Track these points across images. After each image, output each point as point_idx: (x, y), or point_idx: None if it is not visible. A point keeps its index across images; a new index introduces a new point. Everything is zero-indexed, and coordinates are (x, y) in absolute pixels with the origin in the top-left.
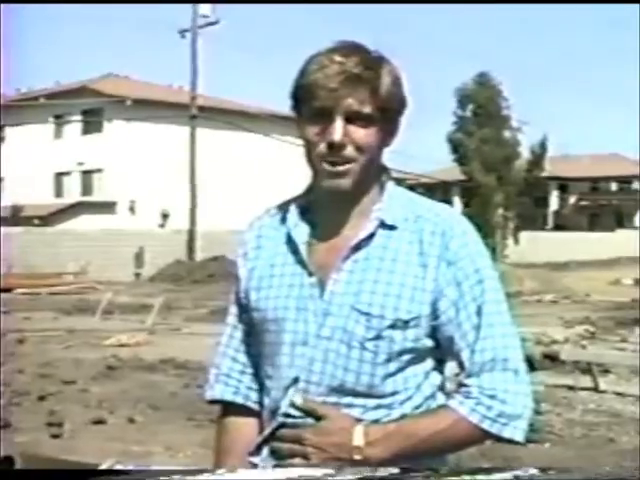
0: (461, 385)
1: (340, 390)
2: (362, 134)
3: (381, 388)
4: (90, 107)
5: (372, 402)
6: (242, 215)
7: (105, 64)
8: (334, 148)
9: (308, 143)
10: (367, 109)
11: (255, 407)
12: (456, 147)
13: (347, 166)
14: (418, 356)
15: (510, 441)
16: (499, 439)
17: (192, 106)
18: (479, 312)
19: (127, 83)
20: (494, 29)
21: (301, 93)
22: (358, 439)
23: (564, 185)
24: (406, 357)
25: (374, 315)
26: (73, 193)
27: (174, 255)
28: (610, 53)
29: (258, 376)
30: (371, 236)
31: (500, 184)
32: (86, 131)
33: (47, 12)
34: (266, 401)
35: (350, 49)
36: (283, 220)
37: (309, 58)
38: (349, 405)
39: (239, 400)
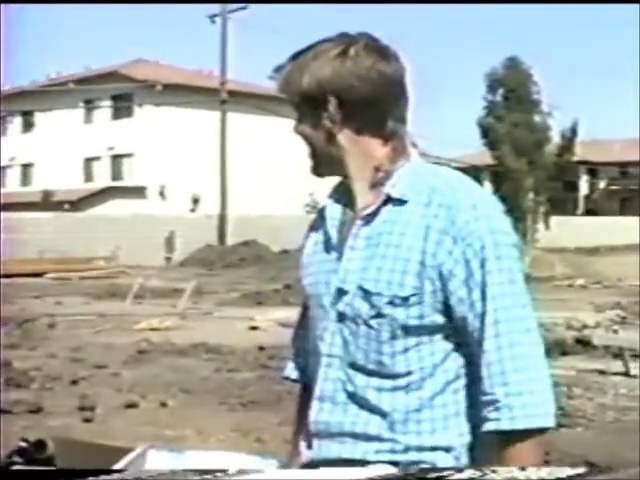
0: (479, 391)
1: (354, 367)
2: (304, 128)
3: (391, 367)
4: (120, 92)
5: (387, 383)
6: (273, 200)
7: (135, 49)
8: None
9: None
10: (296, 98)
11: None
12: (486, 132)
13: (310, 153)
14: (430, 334)
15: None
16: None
17: (222, 91)
18: (484, 292)
19: (157, 68)
20: (524, 13)
21: None
22: None
23: (594, 170)
24: (413, 335)
25: (373, 292)
26: (103, 178)
27: (205, 240)
28: None
29: None
30: (377, 211)
31: (531, 169)
32: (116, 116)
33: None
34: (311, 377)
35: (320, 42)
36: (327, 200)
37: None
38: (365, 386)
39: (305, 379)
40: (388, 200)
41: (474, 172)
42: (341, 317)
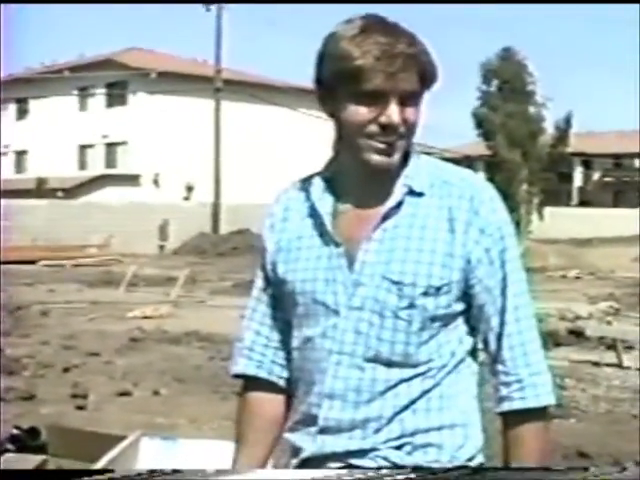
0: (500, 373)
1: (375, 360)
2: (412, 113)
3: (416, 357)
4: (115, 80)
5: (408, 372)
6: (267, 188)
7: (130, 37)
8: (389, 129)
9: (351, 122)
10: (418, 88)
11: (279, 381)
12: (481, 122)
13: (396, 144)
14: (451, 322)
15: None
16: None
17: (217, 79)
18: (505, 279)
19: (152, 56)
20: (519, 5)
21: (346, 76)
22: None
23: (588, 161)
24: (439, 324)
25: (406, 283)
26: (97, 166)
27: (199, 228)
28: (637, 28)
29: (283, 350)
30: (399, 204)
31: (525, 160)
32: (110, 104)
33: None
34: (297, 374)
35: (383, 26)
36: (308, 193)
37: (337, 37)
38: (385, 378)
39: (262, 374)
40: (407, 192)
41: (468, 163)
42: (357, 311)
